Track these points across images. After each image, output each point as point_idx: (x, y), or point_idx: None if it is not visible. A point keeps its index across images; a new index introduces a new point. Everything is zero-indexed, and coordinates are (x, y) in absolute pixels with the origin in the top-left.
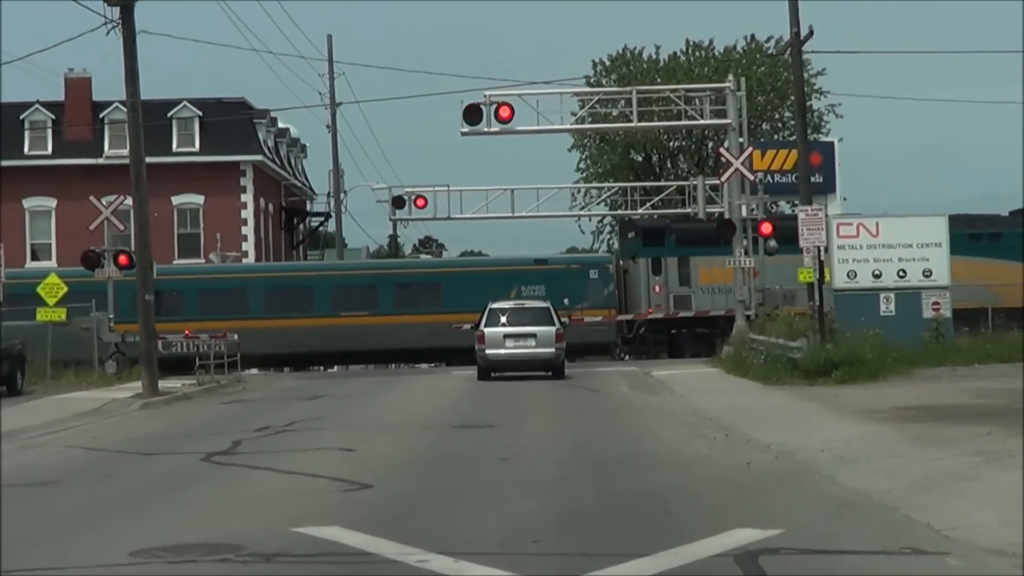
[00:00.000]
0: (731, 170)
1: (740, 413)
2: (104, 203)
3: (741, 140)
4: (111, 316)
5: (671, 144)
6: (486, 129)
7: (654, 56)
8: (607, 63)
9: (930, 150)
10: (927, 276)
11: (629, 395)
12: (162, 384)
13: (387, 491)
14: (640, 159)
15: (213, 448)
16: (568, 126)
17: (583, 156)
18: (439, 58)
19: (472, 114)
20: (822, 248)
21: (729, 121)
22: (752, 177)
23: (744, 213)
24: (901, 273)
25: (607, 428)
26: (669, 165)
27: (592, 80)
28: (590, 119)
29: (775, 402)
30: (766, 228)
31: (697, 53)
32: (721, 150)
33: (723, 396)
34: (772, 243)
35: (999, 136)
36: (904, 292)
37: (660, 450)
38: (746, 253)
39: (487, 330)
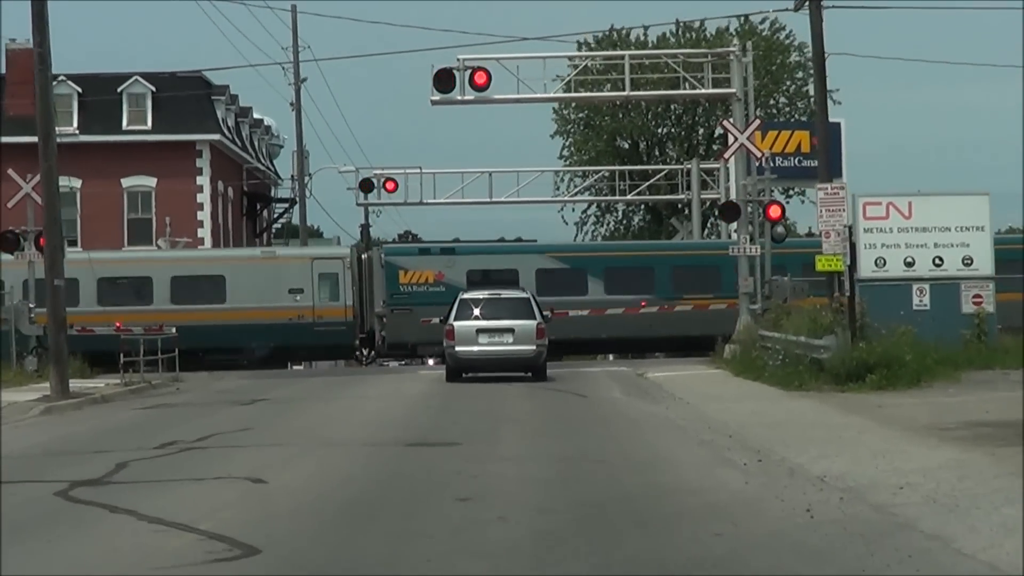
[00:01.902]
0: (735, 145)
1: (768, 429)
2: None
3: (746, 112)
4: (32, 305)
5: (659, 131)
6: (459, 97)
7: (643, 37)
8: (592, 44)
9: (932, 146)
10: (967, 264)
11: (624, 402)
12: (83, 384)
13: (276, 564)
14: (627, 146)
15: (86, 474)
16: (552, 95)
17: (566, 143)
18: (409, 16)
19: (443, 80)
20: (847, 230)
21: (733, 91)
22: (759, 154)
23: (749, 194)
24: (937, 261)
25: (602, 449)
26: (657, 153)
27: (575, 79)
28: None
29: (807, 414)
30: (774, 211)
31: (688, 34)
32: (725, 123)
33: (740, 405)
34: (780, 229)
35: (999, 133)
36: (941, 283)
37: (678, 484)
38: (751, 239)
39: (457, 324)
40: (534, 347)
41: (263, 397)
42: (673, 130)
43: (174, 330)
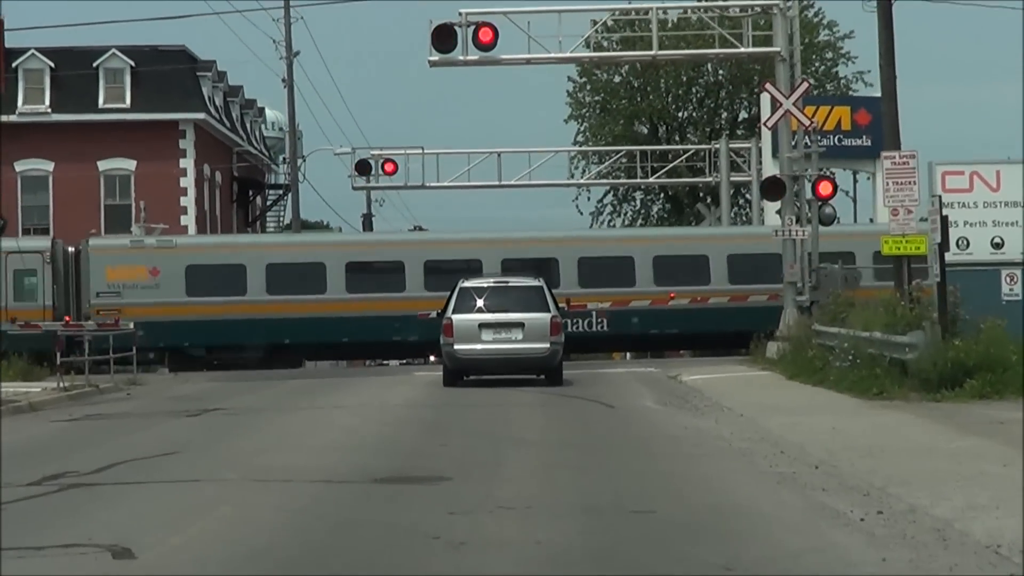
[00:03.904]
0: (779, 111)
1: (866, 456)
2: None
3: (791, 74)
4: None
5: (680, 115)
6: (462, 58)
7: (663, 16)
8: (609, 24)
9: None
10: None
11: (661, 415)
12: (17, 388)
13: None
14: (646, 131)
15: None
16: (567, 54)
17: (581, 128)
18: None
19: (443, 37)
20: (938, 199)
21: (777, 50)
22: (806, 121)
23: (795, 169)
24: None
25: (646, 490)
26: (677, 139)
27: (593, 43)
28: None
29: (911, 433)
30: (824, 188)
31: (711, 13)
32: (767, 86)
33: (812, 420)
34: (829, 210)
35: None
36: None
37: (780, 565)
38: (798, 220)
39: (456, 317)
40: (548, 345)
41: (218, 406)
42: (695, 114)
43: (132, 325)
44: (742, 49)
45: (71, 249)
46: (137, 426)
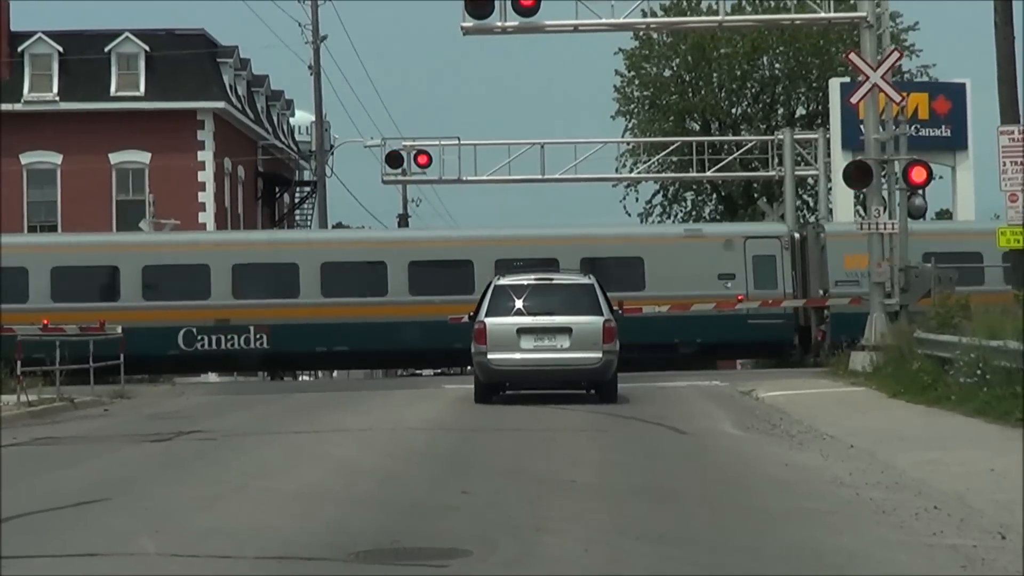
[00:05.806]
0: (866, 85)
1: None
2: None
3: (879, 43)
4: None
5: (733, 111)
6: (499, 24)
7: (714, 6)
8: (657, 12)
9: None
10: None
11: (747, 444)
12: None
13: None
14: (697, 127)
15: None
16: (622, 20)
17: (628, 125)
18: None
19: (479, 1)
20: None
21: (863, 15)
22: (897, 98)
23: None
24: None
25: None
26: (731, 135)
27: (642, 33)
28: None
29: None
30: (918, 174)
31: (766, 2)
32: (851, 56)
33: (952, 456)
34: (919, 201)
35: None
36: None
37: None
38: (886, 211)
39: (490, 321)
40: (600, 355)
41: (197, 428)
42: (749, 110)
43: (119, 329)
44: (822, 14)
45: (796, 235)
46: (82, 456)
